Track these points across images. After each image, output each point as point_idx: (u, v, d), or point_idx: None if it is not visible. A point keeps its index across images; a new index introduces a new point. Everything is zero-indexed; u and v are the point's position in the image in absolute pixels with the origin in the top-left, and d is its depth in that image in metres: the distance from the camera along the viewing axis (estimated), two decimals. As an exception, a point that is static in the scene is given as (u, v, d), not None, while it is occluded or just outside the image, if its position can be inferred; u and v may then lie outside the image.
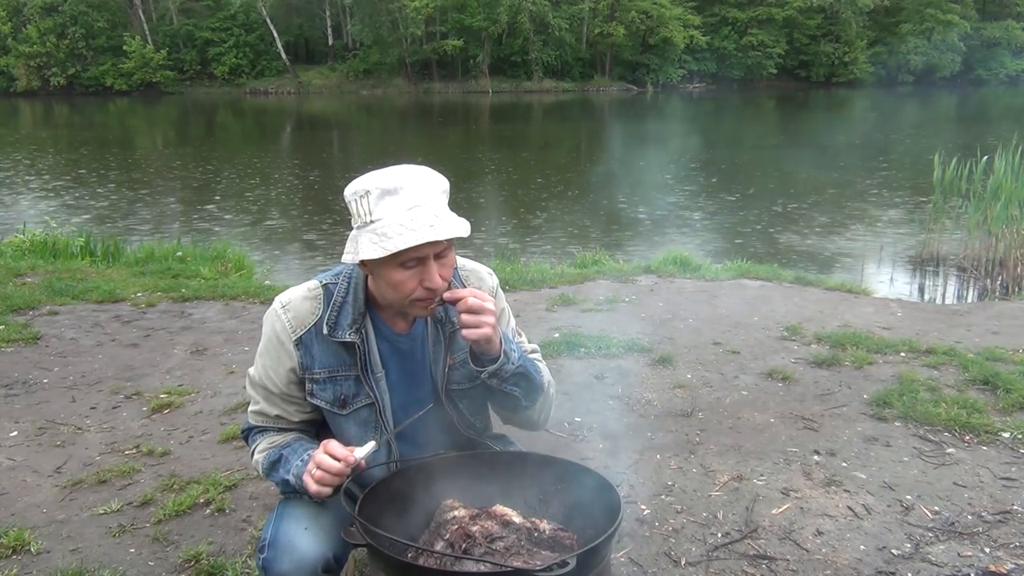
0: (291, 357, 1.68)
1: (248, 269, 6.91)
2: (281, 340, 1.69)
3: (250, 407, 1.78)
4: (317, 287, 1.71)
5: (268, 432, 1.76)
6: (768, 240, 9.66)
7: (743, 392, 3.75)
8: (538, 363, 1.81)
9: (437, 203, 1.54)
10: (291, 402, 1.73)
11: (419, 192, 1.52)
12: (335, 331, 1.66)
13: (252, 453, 1.77)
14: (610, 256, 7.09)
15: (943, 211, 8.12)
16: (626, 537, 2.48)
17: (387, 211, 1.51)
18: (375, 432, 1.72)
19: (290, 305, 1.70)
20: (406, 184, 1.52)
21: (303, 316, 1.68)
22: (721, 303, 5.36)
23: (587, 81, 50.62)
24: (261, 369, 1.73)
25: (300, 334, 1.68)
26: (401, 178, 1.53)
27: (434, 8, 46.33)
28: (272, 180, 15.59)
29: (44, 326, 4.83)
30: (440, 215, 1.52)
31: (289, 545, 1.55)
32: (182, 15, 49.58)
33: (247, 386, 1.78)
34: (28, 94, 45.66)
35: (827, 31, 53.23)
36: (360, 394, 1.70)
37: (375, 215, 1.51)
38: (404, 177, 1.53)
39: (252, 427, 1.78)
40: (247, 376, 1.78)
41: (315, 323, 1.67)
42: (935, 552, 2.42)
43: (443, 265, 1.58)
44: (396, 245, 1.47)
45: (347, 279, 1.70)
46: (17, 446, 3.23)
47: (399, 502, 1.60)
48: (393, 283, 1.57)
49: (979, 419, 3.28)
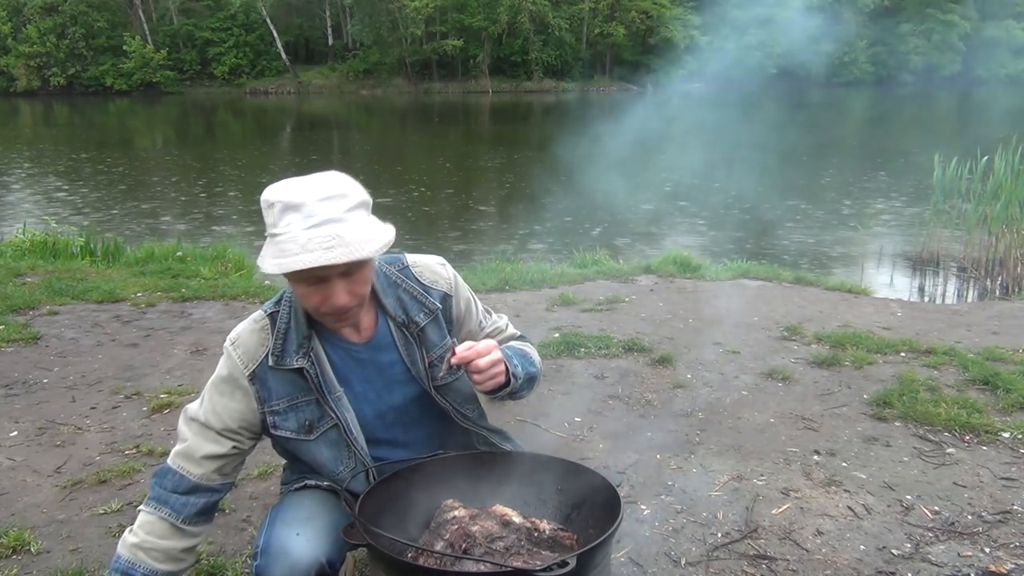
0: (246, 394, 1.65)
1: (248, 269, 6.89)
2: (235, 377, 1.65)
3: (174, 448, 1.69)
4: (262, 317, 1.68)
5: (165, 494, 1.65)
6: (768, 240, 9.66)
7: (743, 392, 3.75)
8: (526, 350, 1.82)
9: (344, 222, 1.47)
10: (228, 438, 1.66)
11: (322, 210, 1.46)
12: (282, 359, 1.63)
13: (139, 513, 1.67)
14: (610, 256, 7.09)
15: (943, 211, 8.12)
16: (626, 537, 2.48)
17: (288, 227, 1.47)
18: (347, 452, 1.69)
19: (239, 341, 1.67)
20: (310, 200, 1.47)
21: (253, 350, 1.65)
22: (721, 303, 5.35)
23: (587, 81, 50.59)
24: (207, 404, 1.67)
25: (253, 368, 1.64)
26: (306, 193, 1.48)
27: (434, 8, 46.32)
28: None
29: (44, 326, 4.83)
30: (343, 235, 1.46)
31: (281, 551, 1.53)
32: (182, 15, 49.58)
33: (180, 423, 1.70)
34: (28, 94, 45.65)
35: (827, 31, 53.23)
36: (324, 416, 1.67)
37: (278, 228, 1.48)
38: (310, 192, 1.48)
39: (164, 471, 1.67)
40: (183, 412, 1.70)
41: (265, 355, 1.64)
42: (935, 552, 2.41)
43: (354, 281, 1.54)
44: (291, 265, 1.44)
45: (288, 304, 1.67)
46: (17, 446, 3.23)
47: (399, 502, 1.60)
48: (300, 295, 1.57)
49: (979, 419, 3.28)
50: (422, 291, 1.74)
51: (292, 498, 1.72)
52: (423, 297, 1.74)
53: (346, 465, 1.69)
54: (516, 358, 1.71)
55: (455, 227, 10.49)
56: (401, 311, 1.72)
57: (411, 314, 1.72)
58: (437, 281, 1.77)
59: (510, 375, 1.65)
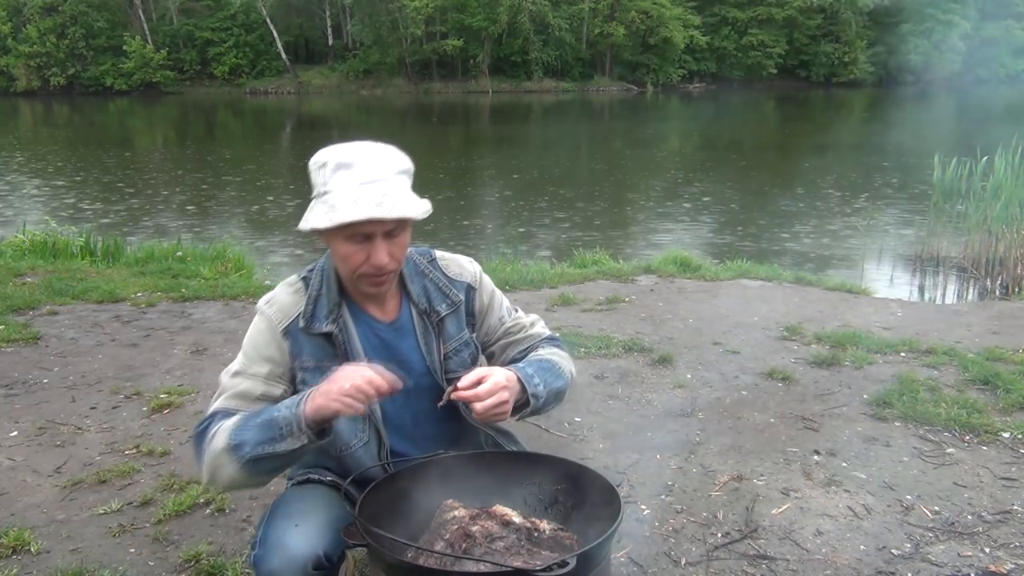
0: (281, 347, 1.67)
1: (248, 269, 6.90)
2: (271, 329, 1.68)
3: (222, 397, 1.65)
4: (297, 280, 1.73)
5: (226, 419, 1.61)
6: (768, 240, 9.66)
7: (743, 392, 3.75)
8: (553, 360, 1.77)
9: (392, 182, 1.55)
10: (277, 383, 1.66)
11: (373, 169, 1.54)
12: (312, 323, 1.67)
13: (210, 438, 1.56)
14: (610, 256, 7.09)
15: (943, 211, 8.12)
16: (626, 537, 2.48)
17: (339, 184, 1.53)
18: (364, 424, 1.71)
19: (273, 300, 1.72)
20: (362, 160, 1.55)
21: (287, 308, 1.69)
22: (721, 303, 5.35)
23: (587, 81, 50.63)
24: (251, 355, 1.68)
25: (287, 324, 1.68)
26: (358, 154, 1.56)
27: (434, 8, 46.32)
28: (272, 180, 15.60)
29: (44, 326, 4.83)
30: (391, 194, 1.53)
31: (279, 543, 1.54)
32: (182, 15, 49.57)
33: (224, 378, 1.69)
34: (28, 94, 45.65)
35: (827, 31, 53.25)
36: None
37: (328, 186, 1.55)
38: (362, 153, 1.56)
39: (217, 412, 1.62)
40: (224, 373, 1.69)
41: (297, 316, 1.68)
42: (935, 552, 2.42)
43: (394, 244, 1.59)
44: (341, 217, 1.50)
45: (320, 271, 1.72)
46: (17, 446, 3.23)
47: (399, 502, 1.60)
48: (341, 255, 1.60)
49: (979, 419, 3.28)
50: (447, 282, 1.79)
51: (294, 492, 1.73)
52: (447, 288, 1.79)
53: (360, 439, 1.71)
54: (539, 374, 1.68)
55: (455, 226, 10.50)
56: (425, 299, 1.76)
57: (433, 303, 1.76)
58: (462, 274, 1.82)
59: (529, 396, 1.63)
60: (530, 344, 1.85)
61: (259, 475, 1.57)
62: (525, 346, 1.85)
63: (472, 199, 13.37)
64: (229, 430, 1.54)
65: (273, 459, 1.52)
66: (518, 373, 1.64)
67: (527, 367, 1.69)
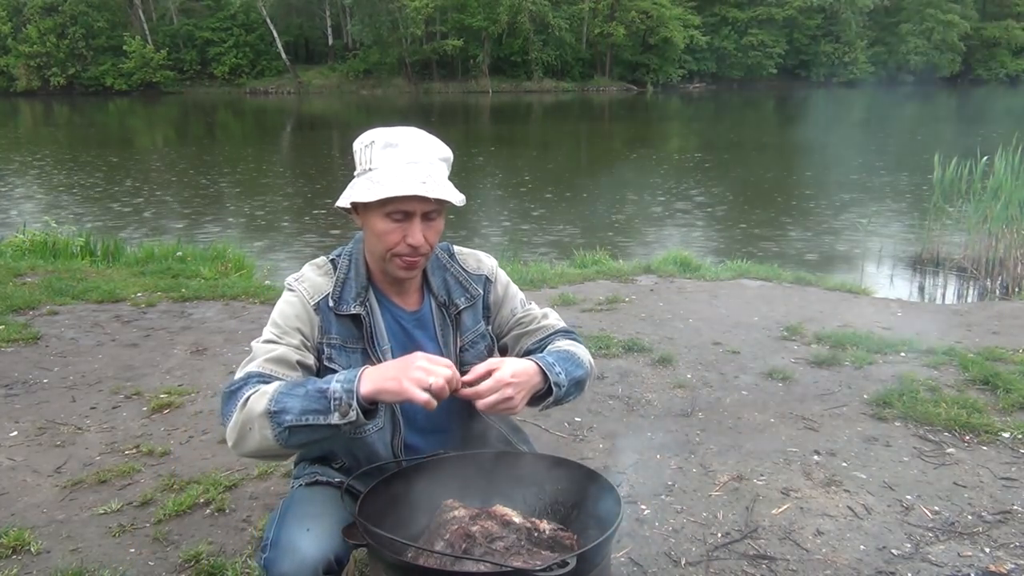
0: (311, 322, 1.67)
1: (248, 269, 6.90)
2: (303, 303, 1.67)
3: (257, 360, 1.58)
4: (325, 262, 1.75)
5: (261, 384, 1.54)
6: (768, 240, 9.66)
7: (743, 392, 3.75)
8: (571, 351, 1.76)
9: (435, 166, 1.60)
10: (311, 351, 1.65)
11: (419, 151, 1.59)
12: (340, 305, 1.69)
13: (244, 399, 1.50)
14: (610, 256, 7.09)
15: (943, 211, 8.12)
16: (626, 537, 2.48)
17: (385, 161, 1.58)
18: (382, 409, 1.68)
19: (303, 278, 1.72)
20: (408, 141, 1.60)
21: (318, 286, 1.70)
22: (721, 303, 5.36)
23: (587, 81, 50.67)
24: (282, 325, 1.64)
25: (318, 299, 1.69)
26: (405, 136, 1.61)
27: (434, 8, 46.36)
28: (272, 179, 15.60)
29: (44, 326, 4.83)
30: (434, 176, 1.58)
31: (291, 546, 1.54)
32: (182, 15, 49.61)
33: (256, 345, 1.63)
34: (28, 94, 45.68)
35: (827, 31, 53.29)
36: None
37: (374, 164, 1.59)
38: (408, 135, 1.61)
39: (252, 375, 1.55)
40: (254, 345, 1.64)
41: (327, 295, 1.70)
42: (935, 552, 2.42)
43: (429, 228, 1.62)
44: (385, 191, 1.53)
45: (348, 256, 1.74)
46: (17, 446, 3.23)
47: (399, 502, 1.60)
48: (378, 232, 1.61)
49: (979, 419, 3.28)
50: (467, 276, 1.83)
51: (303, 494, 1.72)
52: (467, 282, 1.82)
53: (376, 423, 1.70)
54: (560, 363, 1.67)
55: (450, 225, 10.50)
56: (444, 292, 1.79)
57: (453, 296, 1.79)
58: (480, 267, 1.85)
59: (551, 384, 1.63)
60: (544, 335, 1.85)
61: (290, 447, 1.50)
62: (539, 337, 1.85)
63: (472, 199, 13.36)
64: (270, 394, 1.47)
65: (313, 431, 1.46)
66: (539, 363, 1.64)
67: (547, 356, 1.69)
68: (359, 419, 1.44)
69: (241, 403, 1.50)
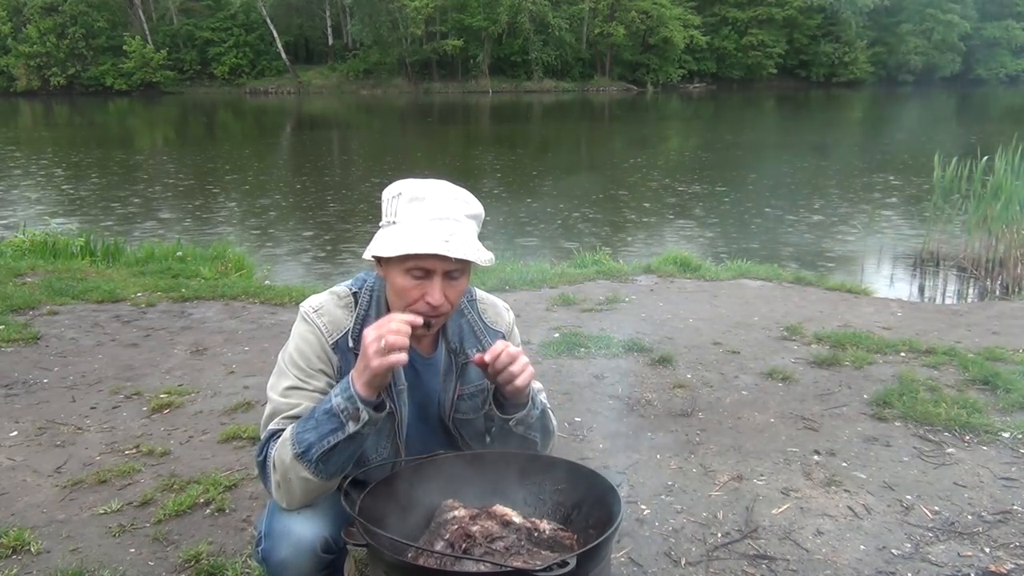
0: (329, 362, 1.64)
1: (248, 269, 6.90)
2: (322, 343, 1.64)
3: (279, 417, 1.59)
4: (347, 293, 1.70)
5: None
6: (768, 240, 9.66)
7: (743, 392, 3.75)
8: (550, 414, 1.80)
9: (461, 224, 1.54)
10: None
11: (445, 207, 1.53)
12: (360, 343, 1.63)
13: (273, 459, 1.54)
14: (610, 256, 7.09)
15: (943, 211, 8.12)
16: (626, 537, 2.48)
17: (409, 215, 1.53)
18: (385, 442, 1.70)
19: (323, 310, 1.67)
20: (435, 196, 1.54)
21: (338, 321, 1.66)
22: (721, 303, 5.36)
23: (587, 81, 50.67)
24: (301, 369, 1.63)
25: (337, 338, 1.65)
26: (433, 190, 1.56)
27: (434, 8, 46.35)
28: (272, 179, 15.60)
29: (44, 326, 4.83)
30: (458, 234, 1.52)
31: (285, 531, 1.54)
32: (182, 15, 49.60)
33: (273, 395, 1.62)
34: (28, 94, 45.67)
35: (827, 31, 53.29)
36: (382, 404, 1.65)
37: (398, 217, 1.54)
38: (436, 190, 1.56)
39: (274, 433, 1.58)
40: (271, 403, 1.62)
41: (347, 332, 1.65)
42: (935, 552, 2.42)
43: (451, 287, 1.57)
44: (405, 248, 1.49)
45: (369, 291, 1.69)
46: (17, 446, 3.23)
47: (399, 502, 1.60)
48: (398, 288, 1.57)
49: (979, 419, 3.28)
50: (483, 328, 1.78)
51: None
52: (482, 335, 1.77)
53: (379, 454, 1.71)
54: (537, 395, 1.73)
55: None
56: (457, 339, 1.75)
57: (464, 345, 1.75)
58: (498, 322, 1.81)
59: (529, 397, 1.65)
60: None
61: (331, 473, 1.53)
62: None
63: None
64: (290, 441, 1.51)
65: (341, 450, 1.49)
66: None
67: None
68: (372, 416, 1.48)
69: (272, 464, 1.54)
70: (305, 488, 1.54)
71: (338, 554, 1.61)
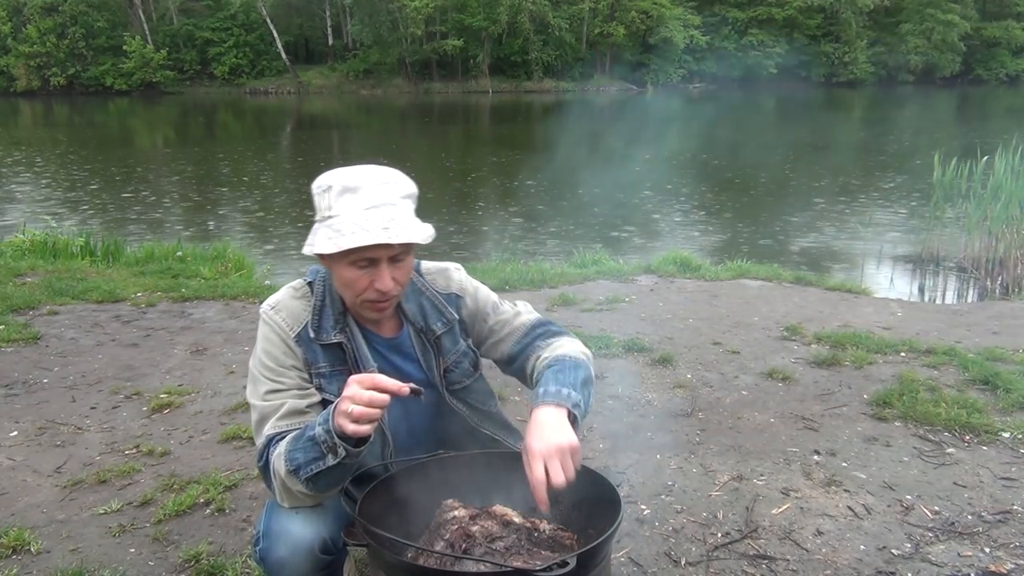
0: (295, 356, 1.65)
1: (248, 269, 6.90)
2: (283, 339, 1.65)
3: (270, 420, 1.59)
4: (303, 284, 1.71)
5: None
6: (768, 240, 9.66)
7: (743, 392, 3.75)
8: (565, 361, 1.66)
9: (397, 207, 1.54)
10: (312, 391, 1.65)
11: (379, 194, 1.52)
12: (320, 334, 1.66)
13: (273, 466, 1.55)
14: (610, 256, 7.09)
15: (943, 211, 8.12)
16: (626, 537, 2.48)
17: (345, 208, 1.51)
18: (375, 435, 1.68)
19: (280, 306, 1.68)
20: (367, 184, 1.53)
21: (296, 314, 1.67)
22: (721, 303, 5.36)
23: (587, 81, 50.62)
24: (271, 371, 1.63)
25: (298, 330, 1.66)
26: (364, 178, 1.54)
27: (434, 8, 46.32)
28: (272, 179, 15.59)
29: (44, 326, 4.83)
30: (397, 219, 1.51)
31: (283, 531, 1.54)
32: (182, 15, 49.58)
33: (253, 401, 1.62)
34: (28, 94, 45.65)
35: (827, 31, 53.26)
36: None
37: (334, 211, 1.53)
38: (367, 177, 1.54)
39: (272, 438, 1.58)
40: (255, 408, 1.62)
41: (306, 324, 1.66)
42: (935, 552, 2.42)
43: (398, 269, 1.58)
44: (348, 243, 1.48)
45: (322, 282, 1.69)
46: (17, 446, 3.23)
47: (399, 502, 1.60)
48: (345, 281, 1.58)
49: (979, 419, 3.28)
50: (441, 300, 1.78)
51: None
52: (442, 306, 1.77)
53: (372, 452, 1.69)
54: (566, 386, 1.56)
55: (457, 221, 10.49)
56: (421, 318, 1.75)
57: (429, 322, 1.75)
58: (449, 285, 1.80)
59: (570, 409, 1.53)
60: (521, 335, 1.78)
61: (326, 489, 1.54)
62: (516, 338, 1.79)
63: (472, 198, 13.37)
64: (284, 454, 1.52)
65: (327, 475, 1.48)
66: (549, 401, 1.53)
67: (548, 386, 1.57)
68: (350, 451, 1.45)
69: (273, 472, 1.55)
70: (306, 497, 1.55)
71: (337, 555, 1.61)
